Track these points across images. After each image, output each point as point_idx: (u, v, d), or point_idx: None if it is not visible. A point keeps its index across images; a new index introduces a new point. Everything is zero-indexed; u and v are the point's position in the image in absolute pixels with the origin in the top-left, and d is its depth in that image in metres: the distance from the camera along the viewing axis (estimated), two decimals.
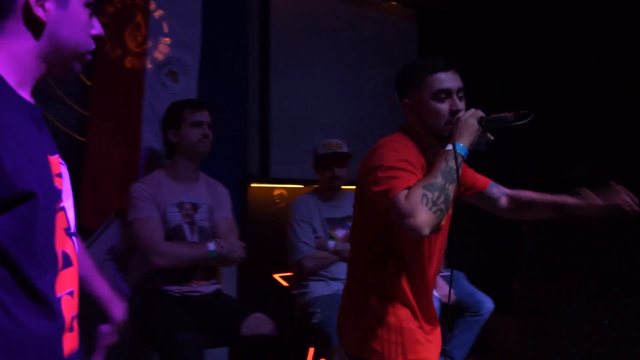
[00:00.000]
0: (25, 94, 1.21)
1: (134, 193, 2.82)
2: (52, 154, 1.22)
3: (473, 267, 4.33)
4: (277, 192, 4.08)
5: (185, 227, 2.87)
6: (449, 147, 1.86)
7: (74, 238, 1.25)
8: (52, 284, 1.16)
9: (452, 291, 3.74)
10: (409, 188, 1.77)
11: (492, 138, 1.95)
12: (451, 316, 3.83)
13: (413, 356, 1.96)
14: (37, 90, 2.72)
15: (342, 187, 3.56)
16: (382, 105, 4.77)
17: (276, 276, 3.82)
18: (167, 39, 3.31)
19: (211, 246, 2.79)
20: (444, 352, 2.04)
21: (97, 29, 1.28)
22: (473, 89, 5.24)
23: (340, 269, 3.43)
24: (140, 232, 2.76)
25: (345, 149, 3.51)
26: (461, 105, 1.97)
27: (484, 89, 5.17)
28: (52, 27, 1.20)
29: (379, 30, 4.79)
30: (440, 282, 3.85)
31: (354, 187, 2.16)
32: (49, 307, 1.15)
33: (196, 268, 2.84)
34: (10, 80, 1.17)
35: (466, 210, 4.98)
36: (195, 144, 2.89)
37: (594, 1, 4.73)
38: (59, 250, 1.19)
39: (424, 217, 1.72)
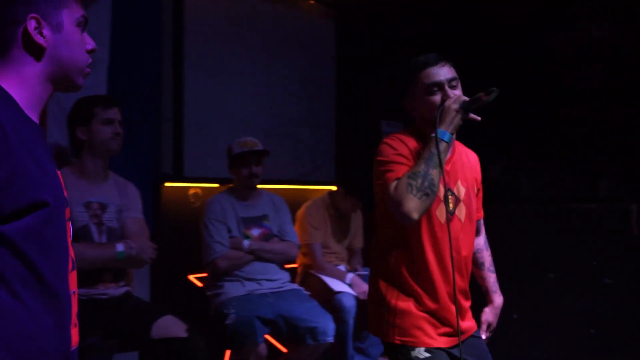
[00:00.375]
0: (33, 116, 1.36)
1: None
2: (57, 168, 1.40)
3: None
4: (192, 191, 3.99)
5: (93, 228, 2.77)
6: (434, 134, 2.01)
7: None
8: (66, 282, 1.34)
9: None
10: (399, 179, 1.98)
11: (479, 118, 2.07)
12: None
13: (409, 339, 2.08)
14: None
15: (258, 186, 3.51)
16: (297, 104, 4.76)
17: (191, 277, 3.74)
18: None
19: (119, 247, 2.70)
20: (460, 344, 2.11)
21: (90, 44, 1.44)
22: (391, 87, 5.30)
23: (256, 269, 3.39)
24: None
25: (260, 147, 3.48)
26: (453, 93, 2.08)
27: (398, 89, 5.24)
28: (52, 51, 1.36)
29: (297, 28, 4.77)
30: (357, 280, 3.87)
31: (268, 186, 2.20)
32: (62, 302, 1.32)
33: (103, 270, 2.73)
34: (21, 103, 1.33)
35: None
36: (106, 142, 2.79)
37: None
38: (70, 253, 1.39)
39: (411, 204, 1.94)
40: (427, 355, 2.06)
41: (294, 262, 3.78)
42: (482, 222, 2.40)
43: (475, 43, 5.24)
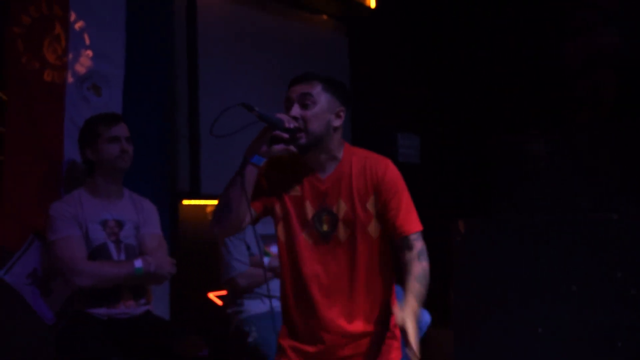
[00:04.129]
0: None
1: (53, 213, 2.69)
2: None
3: None
4: (209, 209, 3.97)
5: (111, 246, 2.75)
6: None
7: None
8: None
9: None
10: None
11: (285, 135, 2.05)
12: None
13: None
14: None
15: None
16: None
17: (210, 295, 3.71)
18: (88, 52, 3.17)
19: (137, 263, 2.67)
20: None
21: None
22: (403, 101, 5.27)
23: (277, 286, 3.34)
24: (61, 253, 2.63)
25: None
26: (295, 111, 2.07)
27: (414, 101, 5.22)
28: None
29: (310, 43, 4.76)
30: None
31: None
32: None
33: (123, 288, 2.71)
34: None
35: None
36: (113, 160, 2.78)
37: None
38: None
39: (213, 221, 2.10)
40: None
41: None
42: (412, 237, 2.19)
43: (488, 53, 5.21)
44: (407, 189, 2.22)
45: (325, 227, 2.10)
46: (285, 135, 2.02)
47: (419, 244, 2.20)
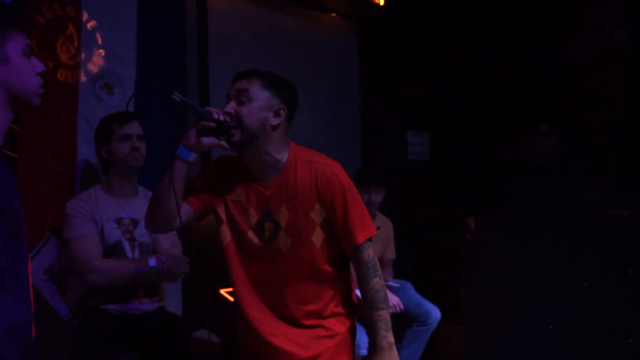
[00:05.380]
0: None
1: (69, 211, 2.71)
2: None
3: (420, 277, 4.33)
4: None
5: (125, 244, 2.78)
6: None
7: None
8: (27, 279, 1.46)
9: (399, 301, 3.74)
10: None
11: (225, 144, 2.02)
12: (399, 327, 3.80)
13: None
14: None
15: None
16: (322, 117, 4.76)
17: (222, 291, 3.73)
18: (101, 51, 3.21)
19: (152, 262, 2.70)
20: None
21: (39, 67, 1.55)
22: (413, 98, 5.28)
23: None
24: (77, 250, 2.66)
25: None
26: (230, 106, 2.03)
27: (423, 98, 5.23)
28: (4, 82, 1.46)
29: (319, 41, 4.78)
30: (387, 292, 3.83)
31: None
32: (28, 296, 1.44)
33: (137, 285, 2.74)
34: None
35: (410, 219, 4.99)
36: (125, 158, 2.79)
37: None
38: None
39: (146, 216, 2.13)
40: None
41: None
42: (365, 254, 2.11)
43: (497, 50, 5.21)
44: (357, 194, 2.12)
45: (266, 235, 2.05)
46: (212, 125, 1.96)
47: (367, 255, 2.11)
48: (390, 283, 4.01)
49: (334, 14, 4.95)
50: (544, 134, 4.65)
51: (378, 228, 4.09)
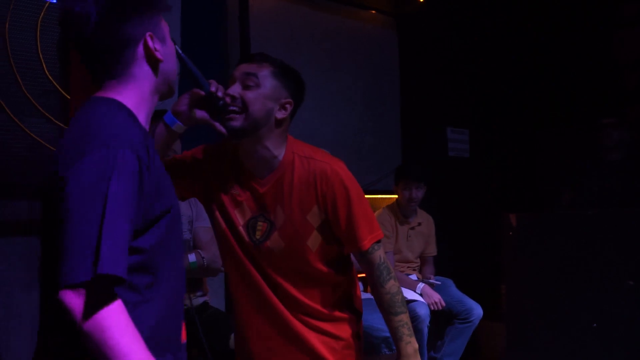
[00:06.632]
0: (146, 126, 1.40)
1: None
2: None
3: (462, 274, 4.32)
4: None
5: None
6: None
7: None
8: (181, 281, 1.41)
9: (440, 298, 3.74)
10: None
11: (223, 131, 1.80)
12: (441, 324, 3.80)
13: None
14: (16, 104, 2.64)
15: None
16: (362, 114, 4.77)
17: None
18: None
19: (191, 257, 2.75)
20: None
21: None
22: (453, 95, 5.24)
23: None
24: None
25: None
26: (235, 89, 1.81)
27: (463, 96, 5.20)
28: (162, 64, 1.41)
29: (359, 38, 4.79)
30: (428, 289, 3.83)
31: None
32: (180, 300, 1.40)
33: None
34: (140, 119, 1.38)
35: (450, 216, 4.97)
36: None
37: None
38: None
39: None
40: None
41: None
42: (375, 256, 1.93)
43: (537, 46, 5.15)
44: (362, 194, 1.94)
45: (257, 235, 1.87)
46: (201, 93, 1.75)
47: (377, 257, 1.92)
48: (432, 280, 4.01)
49: (373, 11, 4.95)
50: (611, 126, 4.56)
51: (419, 224, 4.11)
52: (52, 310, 1.25)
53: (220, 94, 1.75)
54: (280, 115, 1.86)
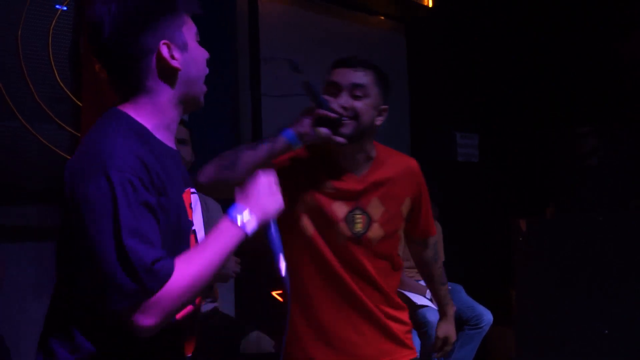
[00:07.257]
0: (164, 138, 1.34)
1: None
2: (185, 187, 1.39)
3: (470, 279, 4.31)
4: None
5: None
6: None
7: None
8: None
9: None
10: None
11: (342, 140, 1.86)
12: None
13: None
14: (28, 111, 2.64)
15: None
16: None
17: (274, 293, 3.78)
18: None
19: None
20: None
21: (206, 53, 1.40)
22: (462, 100, 5.24)
23: None
24: None
25: None
26: (347, 101, 1.87)
27: (472, 101, 5.20)
28: (182, 72, 1.33)
29: (368, 44, 4.79)
30: None
31: None
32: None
33: None
34: (150, 126, 1.31)
35: (460, 222, 4.96)
36: None
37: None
38: None
39: (205, 172, 1.85)
40: None
41: None
42: (432, 239, 2.22)
43: (546, 49, 5.15)
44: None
45: (358, 227, 1.96)
46: (333, 115, 1.81)
47: (433, 239, 2.25)
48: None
49: (382, 17, 4.96)
50: (584, 135, 4.56)
51: None
52: (60, 313, 1.27)
53: (337, 108, 1.84)
54: (379, 121, 1.97)
